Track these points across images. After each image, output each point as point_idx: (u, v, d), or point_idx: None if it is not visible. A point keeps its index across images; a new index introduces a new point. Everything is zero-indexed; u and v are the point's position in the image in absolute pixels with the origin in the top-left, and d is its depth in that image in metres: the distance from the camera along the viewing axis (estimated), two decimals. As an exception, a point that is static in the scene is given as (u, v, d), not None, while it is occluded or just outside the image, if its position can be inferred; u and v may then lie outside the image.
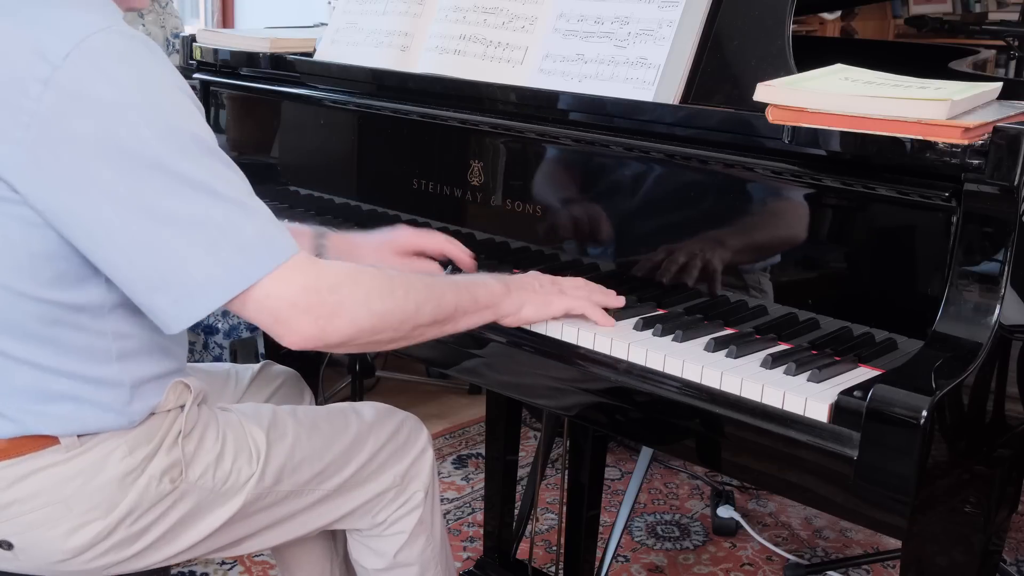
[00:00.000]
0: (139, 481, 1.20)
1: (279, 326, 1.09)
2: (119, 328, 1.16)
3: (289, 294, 1.07)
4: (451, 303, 1.22)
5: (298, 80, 1.81)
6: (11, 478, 1.15)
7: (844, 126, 1.14)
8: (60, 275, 1.10)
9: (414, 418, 1.50)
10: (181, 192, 1.03)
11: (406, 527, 1.45)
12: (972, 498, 1.17)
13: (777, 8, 1.32)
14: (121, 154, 1.02)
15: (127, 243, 1.04)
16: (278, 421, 1.34)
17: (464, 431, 2.99)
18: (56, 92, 1.00)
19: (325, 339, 1.10)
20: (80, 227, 1.05)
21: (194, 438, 1.25)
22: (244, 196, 1.08)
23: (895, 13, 2.65)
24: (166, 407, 1.23)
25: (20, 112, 1.01)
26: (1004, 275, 1.09)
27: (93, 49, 1.02)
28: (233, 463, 1.27)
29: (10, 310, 1.11)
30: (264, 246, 1.06)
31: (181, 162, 1.03)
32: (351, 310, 1.11)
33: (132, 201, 1.02)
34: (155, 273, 1.05)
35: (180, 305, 1.06)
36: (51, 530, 1.17)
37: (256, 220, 1.07)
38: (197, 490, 1.25)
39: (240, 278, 1.05)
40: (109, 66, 1.02)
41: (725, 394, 1.15)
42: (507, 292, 1.29)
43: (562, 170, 1.50)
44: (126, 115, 1.02)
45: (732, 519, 2.46)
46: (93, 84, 1.01)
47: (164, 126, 1.04)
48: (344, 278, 1.13)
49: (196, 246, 1.04)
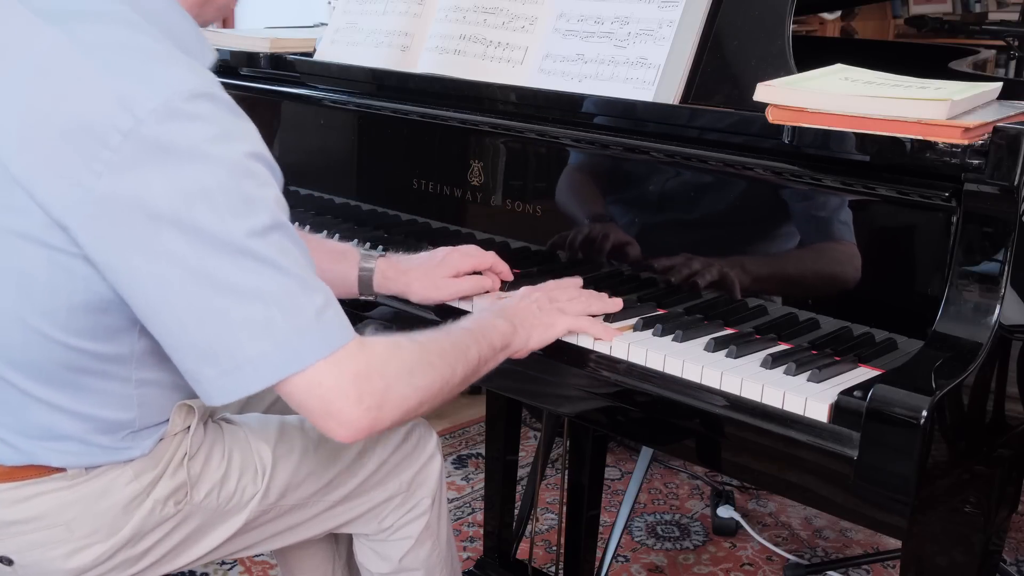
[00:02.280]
0: (144, 505, 1.18)
1: (330, 419, 1.03)
2: (143, 376, 1.13)
3: (341, 384, 1.02)
4: (475, 356, 1.19)
5: (298, 80, 1.81)
6: (13, 499, 1.14)
7: (844, 126, 1.14)
8: (94, 327, 1.06)
9: (424, 423, 1.47)
10: (246, 264, 0.98)
11: (412, 532, 1.44)
12: (972, 498, 1.17)
13: (777, 8, 1.32)
14: (192, 220, 0.97)
15: (183, 309, 0.99)
16: (285, 435, 1.32)
17: (464, 431, 2.99)
18: (135, 145, 0.95)
19: (377, 428, 1.06)
20: (137, 286, 1.00)
21: (200, 459, 1.23)
22: (307, 275, 1.03)
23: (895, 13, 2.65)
24: (173, 431, 1.21)
25: (95, 160, 0.95)
26: (1004, 275, 1.09)
27: (179, 108, 0.96)
28: (238, 482, 1.25)
29: (36, 352, 1.07)
30: (321, 330, 1.01)
31: (251, 236, 0.98)
32: (398, 391, 1.07)
33: (195, 268, 0.97)
34: (207, 343, 1.00)
35: (227, 379, 1.01)
36: (52, 551, 1.16)
37: (316, 301, 1.02)
38: (201, 511, 1.23)
39: (294, 359, 1.00)
40: (192, 127, 0.97)
41: (725, 394, 1.15)
42: (514, 330, 1.26)
43: (561, 170, 1.50)
44: (202, 179, 0.97)
45: (732, 519, 2.46)
46: (173, 142, 0.96)
47: (239, 197, 0.98)
48: (389, 357, 1.08)
49: (253, 321, 0.99)
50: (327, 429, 1.05)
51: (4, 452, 1.13)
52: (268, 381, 1.01)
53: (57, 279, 1.03)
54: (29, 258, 1.02)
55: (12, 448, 1.13)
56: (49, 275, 1.02)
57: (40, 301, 1.04)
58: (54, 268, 1.02)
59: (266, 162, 1.03)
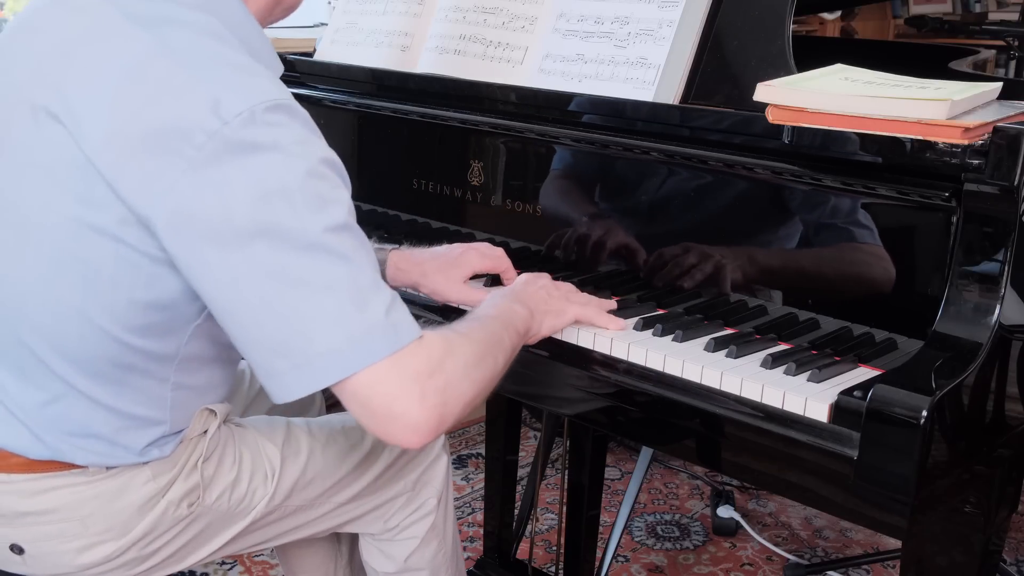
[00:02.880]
0: (158, 506, 1.19)
1: (394, 422, 1.03)
2: (180, 379, 1.15)
3: (404, 381, 1.02)
4: (508, 343, 1.19)
5: (298, 80, 1.81)
6: (32, 491, 1.15)
7: (844, 126, 1.14)
8: (150, 325, 1.08)
9: None
10: (321, 259, 1.00)
11: (418, 532, 1.44)
12: (972, 498, 1.17)
13: (777, 8, 1.32)
14: (270, 215, 0.99)
15: (258, 302, 1.01)
16: (292, 437, 1.32)
17: (464, 431, 2.99)
18: (219, 144, 0.98)
19: (443, 426, 1.05)
20: (212, 279, 1.02)
21: (213, 461, 1.24)
22: (376, 274, 1.05)
23: (895, 13, 2.65)
24: (191, 435, 1.22)
25: (180, 157, 0.98)
26: (1004, 275, 1.09)
27: (262, 116, 1.00)
28: (249, 484, 1.26)
29: (90, 345, 1.09)
30: (391, 326, 1.03)
31: (327, 231, 1.01)
32: (458, 387, 1.07)
33: (271, 261, 0.99)
34: (280, 336, 1.01)
35: (298, 372, 1.01)
36: (64, 544, 1.17)
37: (385, 298, 1.04)
38: (212, 512, 1.24)
39: (364, 354, 1.01)
40: (273, 131, 1.00)
41: (725, 394, 1.15)
42: (531, 314, 1.26)
43: (561, 170, 1.50)
44: (282, 177, 1.00)
45: (732, 519, 2.46)
46: (255, 142, 0.99)
47: (315, 195, 1.01)
48: (446, 354, 1.08)
49: (327, 315, 1.00)
50: (392, 434, 1.04)
51: (31, 445, 1.14)
52: (338, 376, 1.01)
53: (121, 274, 1.05)
54: (98, 251, 1.04)
55: (40, 442, 1.14)
56: (114, 269, 1.05)
57: (102, 295, 1.06)
58: (120, 263, 1.04)
59: (339, 170, 1.07)
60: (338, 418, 1.42)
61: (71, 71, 1.06)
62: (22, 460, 1.14)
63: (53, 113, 1.05)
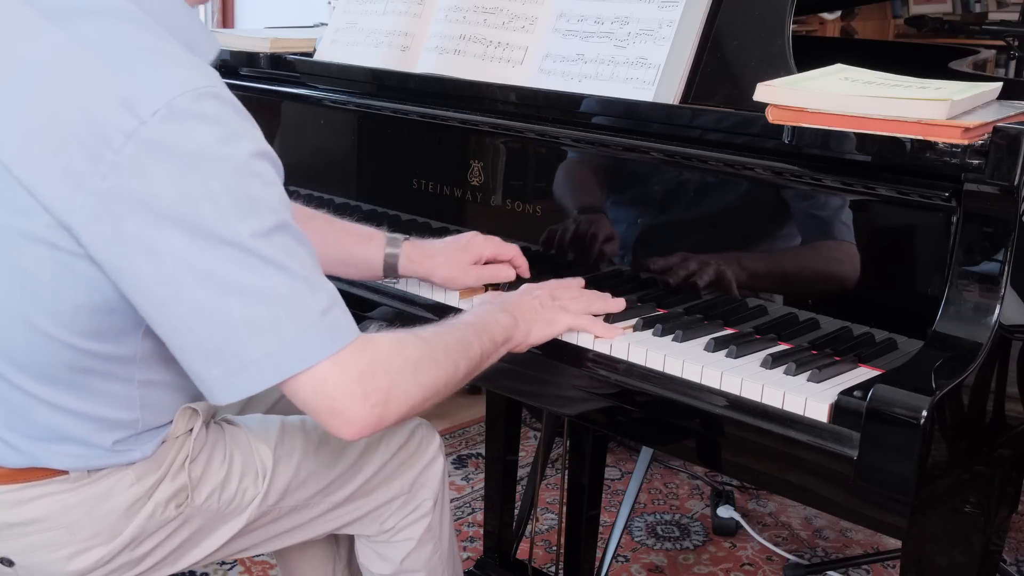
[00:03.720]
0: (145, 508, 1.18)
1: (335, 418, 1.04)
2: (146, 377, 1.13)
3: (345, 382, 1.02)
4: (477, 351, 1.19)
5: (298, 80, 1.81)
6: (15, 501, 1.14)
7: (844, 126, 1.14)
8: (99, 328, 1.06)
9: (426, 424, 1.47)
10: (251, 265, 0.98)
11: (414, 534, 1.44)
12: (972, 498, 1.17)
13: (777, 8, 1.32)
14: (197, 221, 0.97)
15: (189, 309, 0.99)
16: (286, 436, 1.32)
17: (464, 431, 2.99)
18: (138, 146, 0.95)
19: (382, 424, 1.06)
20: (141, 286, 1.00)
21: (201, 461, 1.23)
22: (312, 274, 1.03)
23: (895, 13, 2.65)
24: (175, 434, 1.21)
25: (99, 162, 0.95)
26: (1004, 275, 1.09)
27: (183, 108, 0.96)
28: (239, 484, 1.25)
29: (41, 353, 1.07)
30: (327, 329, 1.02)
31: (256, 236, 0.98)
32: (403, 388, 1.07)
33: (200, 268, 0.98)
34: (212, 343, 1.00)
35: (232, 378, 1.01)
36: (52, 553, 1.16)
37: (321, 300, 1.02)
38: (202, 513, 1.23)
39: (298, 359, 1.00)
40: (197, 128, 0.97)
41: (725, 394, 1.15)
42: (515, 323, 1.26)
43: (561, 170, 1.50)
44: (207, 181, 0.97)
45: (732, 519, 2.45)
46: (177, 143, 0.96)
47: (244, 196, 0.99)
48: (393, 354, 1.08)
49: (258, 321, 0.99)
50: (332, 427, 1.05)
51: (6, 454, 1.13)
52: (273, 380, 1.01)
53: (61, 279, 1.03)
54: (33, 258, 1.02)
55: (15, 450, 1.13)
56: (53, 275, 1.02)
57: (45, 301, 1.04)
58: (58, 268, 1.02)
59: (271, 159, 1.03)
60: None
61: None
62: (2, 472, 1.13)
63: None
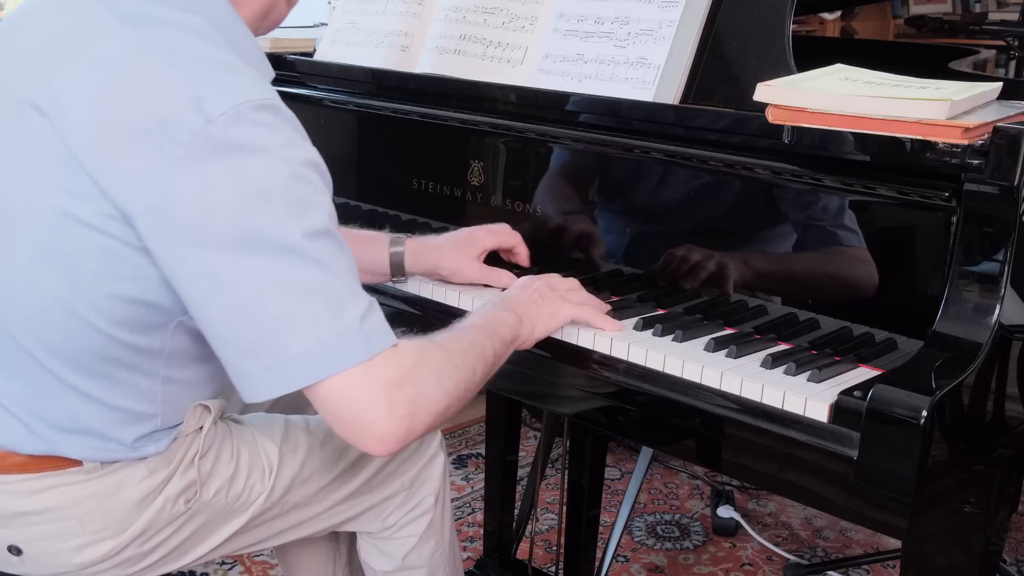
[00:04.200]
0: (155, 503, 1.19)
1: (362, 431, 1.04)
2: (170, 374, 1.15)
3: (373, 392, 1.03)
4: (491, 353, 1.20)
5: (298, 80, 1.81)
6: (28, 490, 1.15)
7: (844, 126, 1.14)
8: (133, 319, 1.09)
9: None
10: (298, 264, 1.00)
11: (416, 531, 1.44)
12: (972, 498, 1.17)
13: (777, 8, 1.32)
14: (249, 217, 0.99)
15: (232, 303, 1.01)
16: (290, 433, 1.32)
17: (464, 431, 2.99)
18: (202, 142, 0.98)
19: (410, 437, 1.06)
20: (188, 278, 1.02)
21: (210, 457, 1.24)
22: (354, 281, 1.05)
23: (895, 13, 2.65)
24: (187, 431, 1.22)
25: (162, 154, 0.99)
26: (1004, 275, 1.09)
27: (247, 115, 1.00)
28: (247, 481, 1.26)
29: (74, 338, 1.09)
30: (364, 334, 1.03)
31: (305, 237, 1.01)
32: (428, 397, 1.07)
33: (248, 263, 1.00)
34: (253, 338, 1.02)
35: (269, 375, 1.02)
36: (62, 544, 1.17)
37: (361, 305, 1.04)
38: (209, 509, 1.24)
39: (335, 360, 1.01)
40: (258, 132, 1.00)
41: (725, 394, 1.15)
42: (520, 321, 1.27)
43: (561, 170, 1.50)
44: (263, 180, 1.00)
45: (732, 519, 2.46)
46: (239, 143, 0.99)
47: (297, 199, 1.01)
48: (418, 364, 1.08)
49: (300, 319, 1.01)
50: (360, 440, 1.05)
51: (26, 439, 1.14)
52: (309, 380, 1.02)
53: (105, 267, 1.05)
54: (81, 243, 1.04)
55: (35, 435, 1.14)
56: (98, 261, 1.05)
57: (86, 287, 1.06)
58: (104, 255, 1.04)
59: (322, 172, 1.06)
60: None
61: (59, 67, 1.06)
62: (18, 460, 1.14)
63: (38, 107, 1.05)
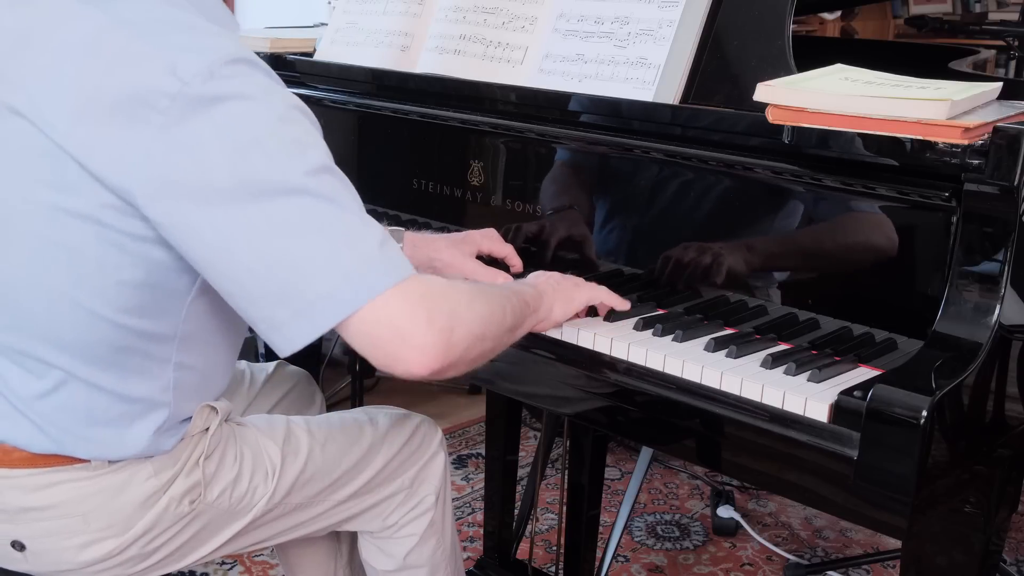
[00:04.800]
0: (160, 502, 1.19)
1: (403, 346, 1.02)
2: (182, 359, 1.15)
3: (410, 307, 1.01)
4: (518, 305, 1.20)
5: (298, 80, 1.81)
6: (34, 486, 1.15)
7: (844, 126, 1.14)
8: (143, 305, 1.09)
9: (429, 421, 1.48)
10: (305, 203, 1.00)
11: (417, 530, 1.44)
12: (972, 498, 1.17)
13: (777, 8, 1.32)
14: (246, 167, 0.99)
15: (249, 256, 1.00)
16: (292, 435, 1.33)
17: (464, 431, 2.99)
18: (183, 102, 0.98)
19: (451, 353, 1.04)
20: (200, 242, 1.01)
21: (215, 459, 1.24)
22: (362, 211, 1.05)
23: (895, 13, 2.65)
24: (193, 431, 1.22)
25: (147, 125, 0.99)
26: (1004, 275, 1.09)
27: (221, 71, 1.00)
28: (250, 482, 1.27)
29: (86, 331, 1.09)
30: (386, 259, 1.02)
31: (306, 175, 1.00)
32: (463, 316, 1.06)
33: (255, 212, 0.99)
34: (277, 286, 1.00)
35: (302, 319, 1.01)
36: (65, 541, 1.17)
37: (376, 233, 1.03)
38: (213, 510, 1.24)
39: (364, 290, 1.00)
40: (237, 83, 1.00)
41: (725, 394, 1.15)
42: (540, 296, 1.26)
43: (562, 170, 1.50)
44: (252, 128, 1.00)
45: (732, 519, 2.46)
46: (219, 94, 0.99)
47: (289, 139, 1.01)
48: (449, 287, 1.09)
49: (319, 257, 1.00)
50: (401, 359, 1.02)
51: (33, 438, 1.14)
52: (342, 315, 1.00)
53: (107, 256, 1.05)
54: (80, 236, 1.04)
55: (43, 434, 1.14)
56: (98, 252, 1.05)
57: (90, 278, 1.07)
58: (104, 245, 1.04)
59: (309, 116, 1.06)
60: (336, 416, 1.43)
61: (27, 62, 1.06)
62: (24, 455, 1.14)
63: (14, 108, 1.05)
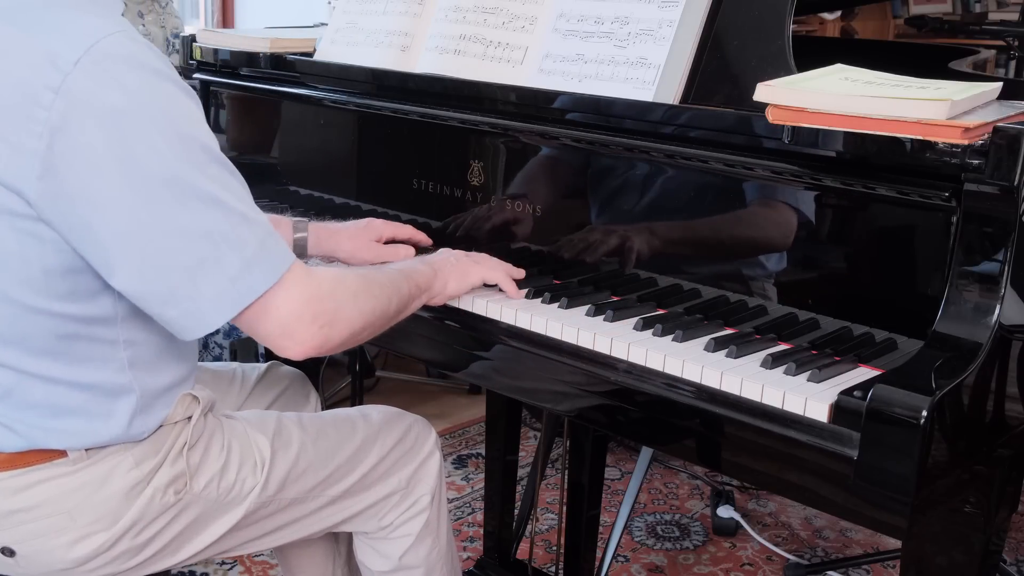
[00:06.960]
0: (144, 493, 1.19)
1: (285, 339, 1.11)
2: (130, 336, 1.16)
3: (293, 306, 1.10)
4: (406, 292, 1.27)
5: (298, 80, 1.81)
6: (15, 488, 1.15)
7: (844, 126, 1.14)
8: (74, 290, 1.09)
9: (423, 421, 1.49)
10: (191, 205, 1.03)
11: (412, 530, 1.45)
12: (972, 498, 1.17)
13: (777, 8, 1.32)
14: (134, 165, 1.01)
15: (138, 257, 1.04)
16: (283, 429, 1.33)
17: (464, 431, 2.99)
18: (67, 99, 0.99)
19: (327, 345, 1.13)
20: (91, 239, 1.04)
21: (199, 449, 1.24)
22: (246, 207, 1.09)
23: (895, 13, 2.65)
24: (174, 419, 1.22)
25: (33, 122, 1.00)
26: (1004, 275, 1.09)
27: (103, 54, 1.01)
28: (238, 473, 1.27)
29: (25, 325, 1.10)
30: (267, 258, 1.08)
31: (191, 172, 1.03)
32: (346, 314, 1.15)
33: (144, 214, 1.02)
34: (166, 288, 1.05)
35: (190, 318, 1.07)
36: (54, 540, 1.17)
37: (258, 232, 1.08)
38: (201, 501, 1.24)
39: (247, 291, 1.07)
40: (119, 71, 1.01)
41: (725, 394, 1.15)
42: (434, 274, 1.34)
43: (562, 170, 1.50)
44: (138, 123, 1.01)
45: (732, 519, 2.46)
46: (104, 90, 1.00)
47: (175, 135, 1.03)
48: (335, 283, 1.16)
49: (205, 261, 1.04)
50: (281, 348, 1.12)
51: (6, 438, 1.14)
52: (228, 315, 1.07)
53: (27, 246, 1.06)
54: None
55: (13, 432, 1.14)
56: (18, 243, 1.06)
57: (16, 271, 1.07)
58: (21, 235, 1.05)
59: (188, 92, 1.08)
60: (329, 413, 1.44)
61: None
62: (1, 457, 1.14)
63: None
